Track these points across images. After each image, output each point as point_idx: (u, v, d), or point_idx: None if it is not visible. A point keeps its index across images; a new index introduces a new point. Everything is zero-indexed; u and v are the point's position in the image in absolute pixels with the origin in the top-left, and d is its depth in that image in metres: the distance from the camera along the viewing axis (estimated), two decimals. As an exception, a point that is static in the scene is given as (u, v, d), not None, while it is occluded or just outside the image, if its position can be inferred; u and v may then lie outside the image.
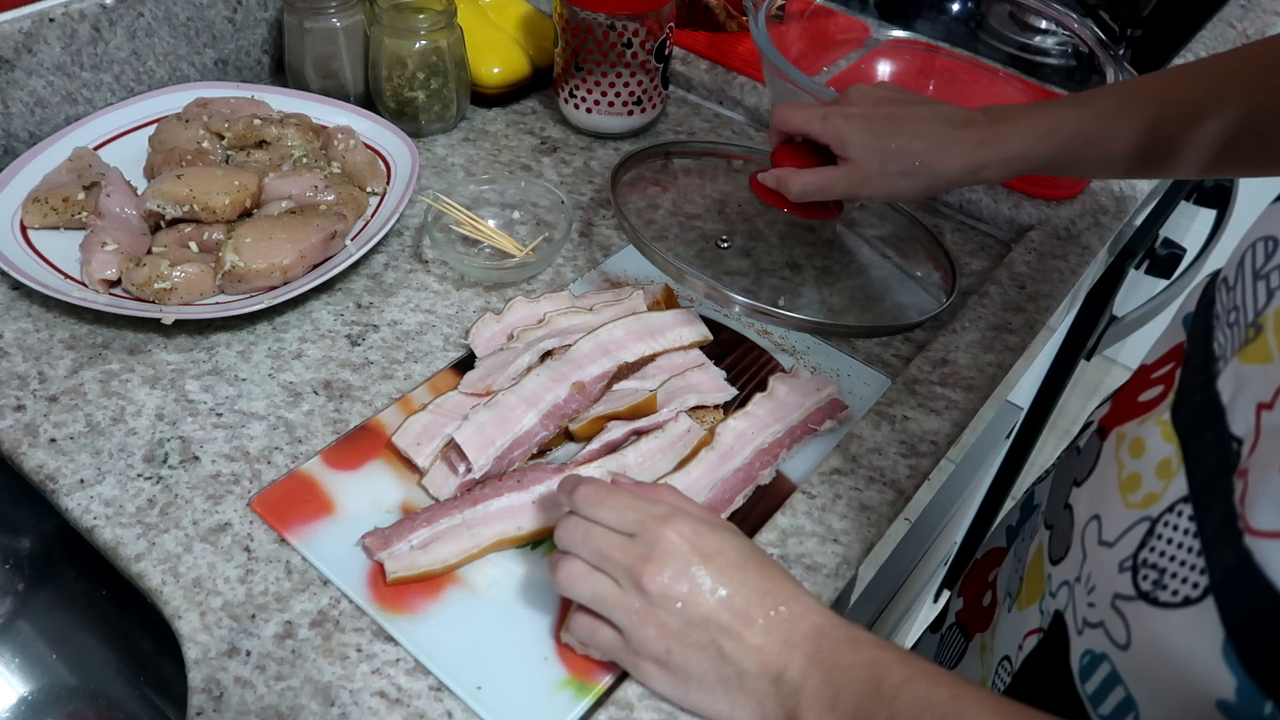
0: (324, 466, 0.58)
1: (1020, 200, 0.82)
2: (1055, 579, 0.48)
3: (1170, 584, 0.37)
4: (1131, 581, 0.39)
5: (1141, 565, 0.39)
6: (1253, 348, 0.36)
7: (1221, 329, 0.41)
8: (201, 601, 0.51)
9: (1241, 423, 0.36)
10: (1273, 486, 0.32)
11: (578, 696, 0.49)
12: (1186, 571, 0.36)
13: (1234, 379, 0.37)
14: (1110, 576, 0.41)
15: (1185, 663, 0.35)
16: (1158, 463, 0.41)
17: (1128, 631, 0.39)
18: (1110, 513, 0.43)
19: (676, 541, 0.45)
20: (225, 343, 0.66)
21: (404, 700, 0.48)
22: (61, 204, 0.70)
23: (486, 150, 0.86)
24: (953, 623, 0.66)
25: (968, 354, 0.68)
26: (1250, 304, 0.38)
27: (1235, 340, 0.38)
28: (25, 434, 0.59)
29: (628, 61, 0.83)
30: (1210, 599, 0.35)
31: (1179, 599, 0.36)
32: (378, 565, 0.53)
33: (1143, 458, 0.42)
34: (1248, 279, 0.39)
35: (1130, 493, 0.42)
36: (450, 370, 0.65)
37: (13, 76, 0.74)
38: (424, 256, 0.74)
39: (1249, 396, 0.36)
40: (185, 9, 0.83)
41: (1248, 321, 0.38)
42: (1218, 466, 0.36)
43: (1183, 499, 0.38)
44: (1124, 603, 0.39)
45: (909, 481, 0.59)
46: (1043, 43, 0.96)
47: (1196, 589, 0.35)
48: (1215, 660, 0.34)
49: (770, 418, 0.62)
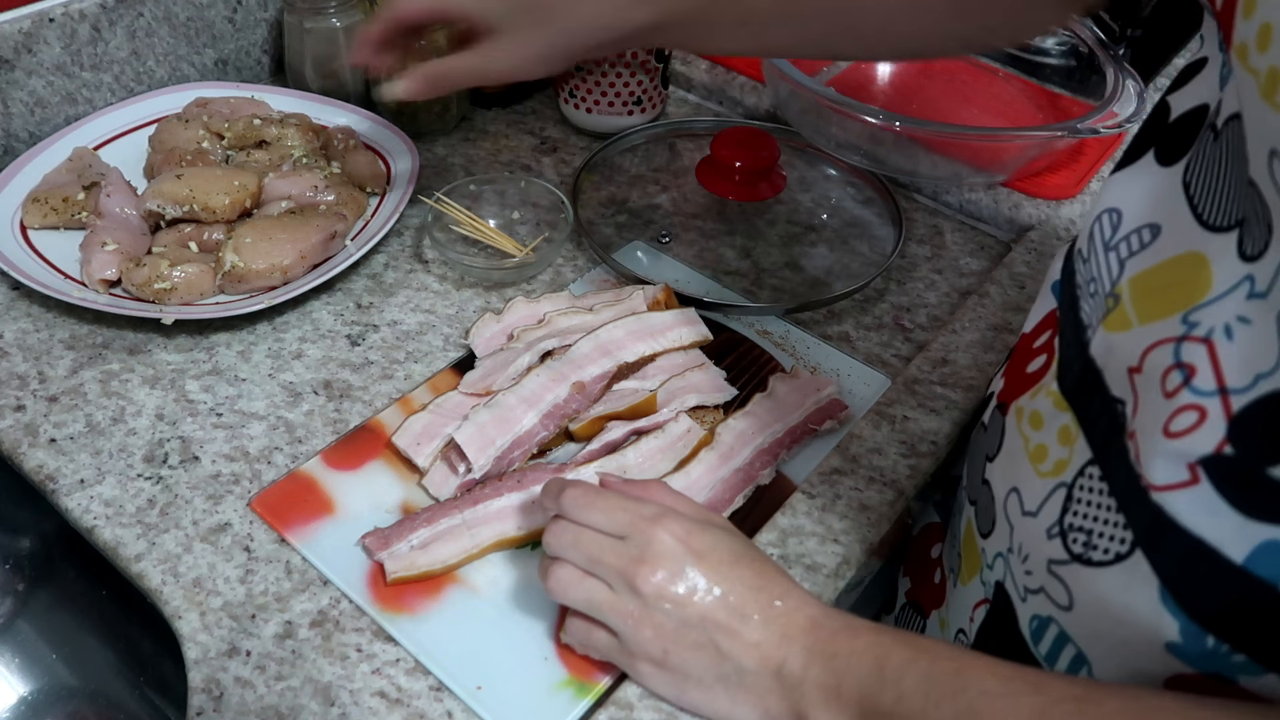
0: (324, 466, 0.58)
1: (1020, 200, 0.82)
2: (989, 552, 0.49)
3: (1099, 543, 0.38)
4: (1062, 546, 0.40)
5: (1069, 530, 0.40)
6: (1114, 316, 0.38)
7: (1085, 299, 0.42)
8: (201, 601, 0.51)
9: (1118, 386, 0.38)
10: (1159, 447, 0.34)
11: (578, 696, 0.49)
12: (1111, 529, 0.38)
13: (1104, 346, 0.39)
14: (1040, 544, 0.42)
15: (1128, 614, 0.37)
16: (1057, 431, 0.42)
17: (1069, 593, 0.40)
18: (1026, 484, 0.44)
19: (669, 542, 0.45)
20: (225, 343, 0.66)
21: (404, 700, 0.48)
22: (61, 204, 0.69)
23: (486, 150, 0.86)
24: (904, 603, 0.67)
25: (968, 354, 0.68)
26: (1106, 275, 0.40)
27: (1098, 310, 0.40)
28: (25, 434, 0.59)
29: (628, 61, 0.83)
30: (1139, 552, 0.36)
31: (1110, 556, 0.38)
32: (378, 565, 0.53)
33: (1043, 429, 0.43)
34: (1099, 251, 0.41)
35: (1040, 463, 0.43)
36: (450, 370, 0.65)
37: (13, 76, 0.74)
38: (424, 256, 0.74)
39: (1119, 362, 0.37)
40: (185, 9, 0.83)
41: (1106, 291, 0.40)
42: (1110, 429, 0.38)
43: (1089, 462, 0.39)
44: (1059, 567, 0.41)
45: (909, 481, 0.59)
46: (1042, 43, 0.96)
47: (1124, 544, 0.37)
48: (1156, 607, 0.35)
49: (770, 417, 0.62)
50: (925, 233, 0.81)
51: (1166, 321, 0.35)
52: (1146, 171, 0.40)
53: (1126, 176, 0.41)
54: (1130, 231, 0.39)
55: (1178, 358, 0.34)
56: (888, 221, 0.80)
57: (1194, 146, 0.37)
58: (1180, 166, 0.38)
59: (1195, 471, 0.33)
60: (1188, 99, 0.39)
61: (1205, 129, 0.37)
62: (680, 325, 0.67)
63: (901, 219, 0.77)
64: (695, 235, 0.78)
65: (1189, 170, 0.37)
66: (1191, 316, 0.34)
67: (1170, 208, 0.37)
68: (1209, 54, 0.39)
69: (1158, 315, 0.36)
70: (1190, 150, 0.37)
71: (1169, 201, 0.37)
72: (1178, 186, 0.37)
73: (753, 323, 0.71)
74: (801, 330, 0.70)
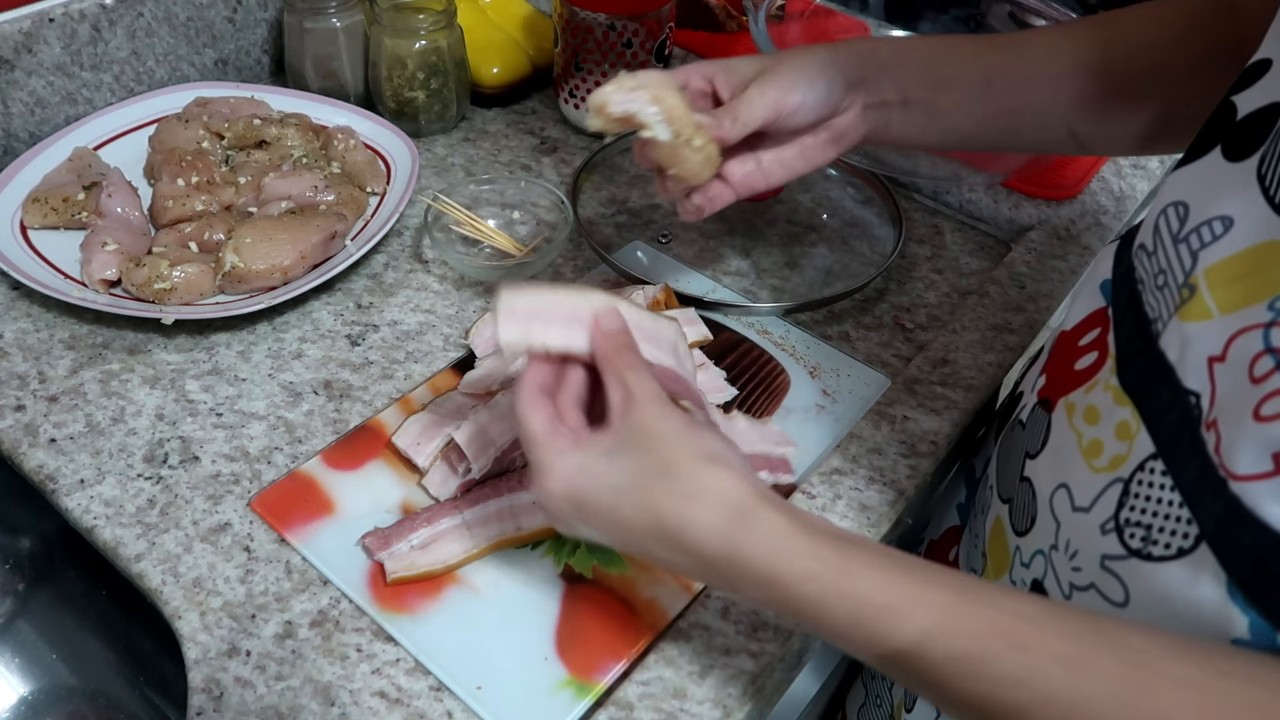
0: (324, 466, 0.58)
1: (1020, 200, 0.82)
2: (1026, 550, 0.48)
3: (1160, 538, 0.38)
4: (1119, 541, 0.40)
5: (1125, 525, 0.39)
6: (1191, 307, 0.38)
7: (1149, 292, 0.42)
8: (201, 601, 0.51)
9: (1195, 378, 0.37)
10: (1247, 432, 0.33)
11: (578, 696, 0.49)
12: (1173, 524, 0.37)
13: (1178, 338, 0.38)
14: (1093, 540, 0.41)
15: (1191, 609, 0.36)
16: (1115, 425, 0.42)
17: (1125, 589, 0.40)
18: (1078, 480, 0.43)
19: (558, 505, 0.44)
20: (225, 343, 0.66)
21: (404, 700, 0.48)
22: (61, 204, 0.69)
23: (486, 150, 0.86)
24: None
25: (968, 354, 0.68)
26: (1178, 267, 0.40)
27: (1170, 302, 0.40)
28: (25, 434, 0.59)
29: (628, 61, 0.83)
30: (1205, 546, 0.35)
31: (1172, 551, 0.37)
32: (378, 565, 0.53)
33: (1099, 424, 0.43)
34: (1168, 243, 0.41)
35: (1094, 458, 0.43)
36: (450, 370, 0.65)
37: (13, 76, 0.74)
38: (424, 256, 0.74)
39: (1198, 352, 0.37)
40: (185, 9, 0.83)
41: (1180, 283, 0.39)
42: (1181, 422, 0.37)
43: (1150, 456, 0.39)
44: (1115, 562, 0.40)
45: (909, 481, 0.59)
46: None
47: (1188, 539, 0.36)
48: (1223, 602, 0.35)
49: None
50: (925, 233, 0.81)
51: (1252, 309, 0.35)
52: (1213, 167, 0.40)
53: (1189, 173, 0.42)
54: (1200, 223, 0.39)
55: (1268, 343, 0.34)
56: (888, 221, 0.80)
57: (1268, 140, 0.38)
58: (1254, 160, 0.38)
59: (1279, 462, 0.33)
60: (1256, 98, 0.40)
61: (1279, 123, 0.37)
62: (680, 325, 0.67)
63: (901, 219, 0.77)
64: (695, 235, 0.78)
65: (1264, 163, 0.37)
66: (1279, 304, 0.34)
67: (1243, 200, 0.37)
68: (1271, 55, 0.39)
69: (1241, 304, 0.36)
70: (1264, 144, 0.38)
71: (1241, 194, 0.38)
72: (1251, 180, 0.37)
73: (753, 323, 0.71)
74: (801, 330, 0.70)
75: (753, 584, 0.41)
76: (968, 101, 0.58)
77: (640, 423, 0.43)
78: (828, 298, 0.71)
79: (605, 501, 0.43)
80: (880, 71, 0.58)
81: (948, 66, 0.58)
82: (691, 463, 0.42)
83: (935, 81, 0.58)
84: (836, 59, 0.57)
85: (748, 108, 0.55)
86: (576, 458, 0.43)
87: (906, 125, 0.59)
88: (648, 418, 0.43)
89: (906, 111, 0.59)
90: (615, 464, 0.43)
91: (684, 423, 0.43)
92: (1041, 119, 0.58)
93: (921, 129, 0.60)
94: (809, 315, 0.72)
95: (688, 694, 0.49)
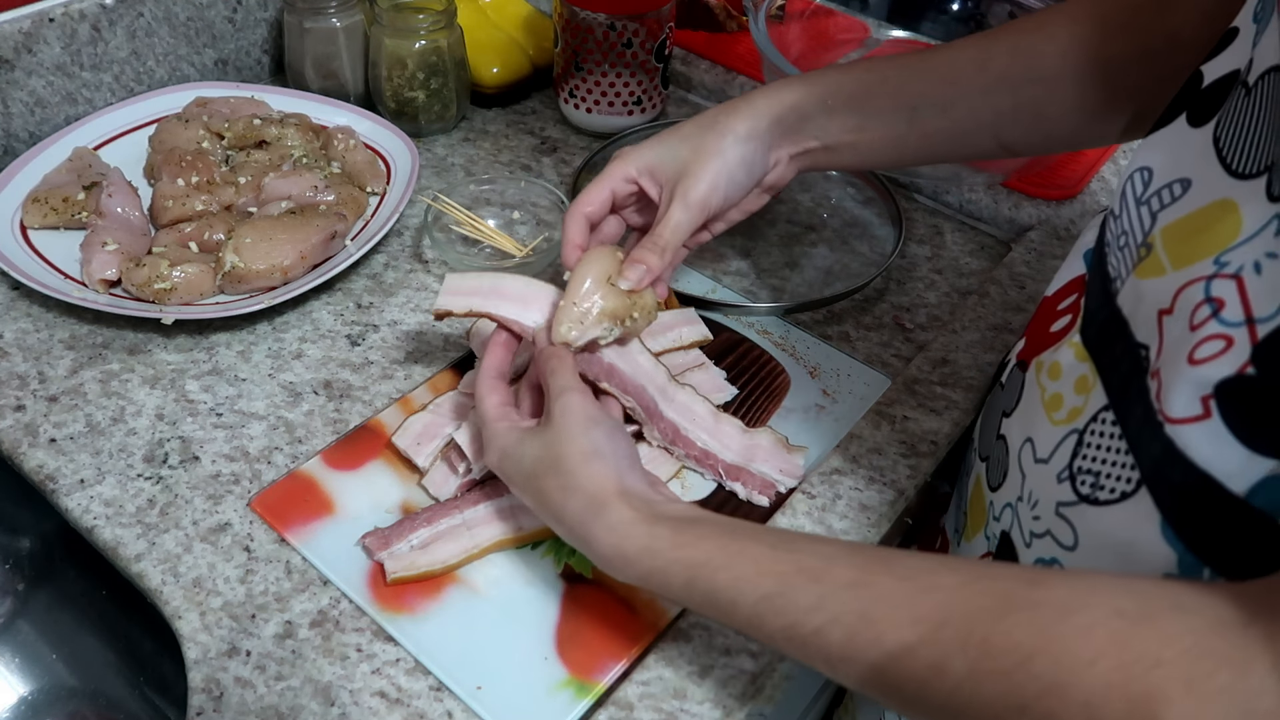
0: (324, 466, 0.58)
1: (1020, 200, 0.82)
2: (998, 504, 0.50)
3: (1106, 484, 0.40)
4: (1071, 488, 0.42)
5: (1078, 473, 0.42)
6: (1146, 264, 0.40)
7: (1113, 253, 0.44)
8: (201, 601, 0.51)
9: (1145, 331, 0.39)
10: (1182, 376, 0.35)
11: (578, 696, 0.49)
12: (1118, 470, 0.40)
13: (1133, 294, 0.41)
14: (1050, 489, 0.44)
15: (1130, 549, 0.39)
16: (1075, 380, 0.44)
17: (1074, 533, 0.42)
18: (1040, 432, 0.46)
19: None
20: (225, 343, 0.66)
21: (404, 700, 0.48)
22: (61, 204, 0.70)
23: (486, 150, 0.86)
24: None
25: (968, 354, 0.68)
26: (1138, 228, 0.42)
27: (1129, 261, 0.42)
28: (25, 434, 0.59)
29: (628, 61, 0.83)
30: (1144, 489, 0.38)
31: (1116, 495, 0.40)
32: (378, 565, 0.53)
33: (1060, 378, 0.46)
34: (1131, 206, 0.43)
35: (1055, 411, 0.45)
36: (450, 370, 0.65)
37: (13, 76, 0.74)
38: (424, 256, 0.74)
39: (1149, 306, 0.39)
40: (185, 9, 0.83)
41: (1138, 242, 0.41)
42: (1131, 373, 0.40)
43: (1103, 408, 0.41)
44: (1067, 509, 0.43)
45: (909, 481, 0.59)
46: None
47: (1130, 483, 0.39)
48: (1156, 540, 0.37)
49: (738, 448, 0.60)
50: (925, 233, 0.81)
51: (1199, 264, 0.36)
52: (1177, 133, 0.42)
53: (1158, 139, 0.43)
54: (1161, 186, 0.41)
55: (1208, 294, 0.35)
56: (888, 221, 0.80)
57: (1224, 105, 0.39)
58: (1210, 125, 0.39)
59: (1208, 405, 0.34)
60: (1220, 67, 0.41)
61: (1237, 87, 0.38)
62: (680, 325, 0.67)
63: (901, 219, 0.77)
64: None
65: (1219, 126, 0.38)
66: (1223, 258, 0.35)
67: (1201, 162, 0.39)
68: (1240, 25, 0.40)
69: (1191, 260, 0.37)
70: (1220, 109, 0.39)
71: (1199, 157, 0.39)
72: (1208, 143, 0.39)
73: (753, 323, 0.71)
74: (801, 330, 0.70)
75: (611, 567, 0.46)
76: (892, 133, 0.59)
77: (550, 418, 0.50)
78: (828, 298, 0.71)
79: (518, 484, 0.50)
80: (803, 123, 0.59)
81: (872, 102, 0.58)
82: (573, 458, 0.48)
83: (859, 122, 0.59)
84: (757, 129, 0.58)
85: (672, 232, 0.57)
86: (508, 439, 0.51)
87: (832, 162, 0.62)
88: (554, 414, 0.50)
89: (831, 154, 0.61)
90: (527, 452, 0.50)
91: (584, 419, 0.49)
92: (967, 137, 0.59)
93: (846, 163, 0.62)
94: (809, 315, 0.72)
95: (688, 694, 0.49)
